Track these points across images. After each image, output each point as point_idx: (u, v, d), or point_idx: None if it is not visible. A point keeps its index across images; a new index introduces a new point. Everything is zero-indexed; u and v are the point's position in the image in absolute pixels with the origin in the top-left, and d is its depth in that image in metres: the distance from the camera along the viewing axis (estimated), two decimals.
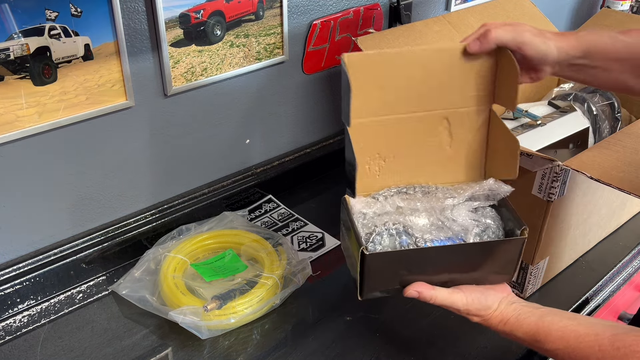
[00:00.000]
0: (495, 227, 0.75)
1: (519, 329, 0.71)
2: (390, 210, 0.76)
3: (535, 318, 0.70)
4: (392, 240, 0.72)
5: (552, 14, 1.60)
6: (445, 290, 0.72)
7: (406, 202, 0.76)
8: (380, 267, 0.70)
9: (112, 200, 1.04)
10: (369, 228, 0.73)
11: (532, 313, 0.71)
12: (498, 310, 0.73)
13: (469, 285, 0.74)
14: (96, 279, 1.02)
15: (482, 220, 0.75)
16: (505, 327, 0.72)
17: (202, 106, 1.09)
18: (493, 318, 0.73)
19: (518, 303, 0.73)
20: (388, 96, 0.77)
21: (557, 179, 0.85)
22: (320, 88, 1.29)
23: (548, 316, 0.70)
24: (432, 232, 0.73)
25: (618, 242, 1.11)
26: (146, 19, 0.95)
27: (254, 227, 1.09)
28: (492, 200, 0.78)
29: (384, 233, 0.72)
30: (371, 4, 1.29)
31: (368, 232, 0.72)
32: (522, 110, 1.15)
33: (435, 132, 0.80)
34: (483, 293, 0.73)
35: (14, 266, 0.95)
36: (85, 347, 0.90)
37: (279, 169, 1.26)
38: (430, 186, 0.80)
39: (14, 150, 0.89)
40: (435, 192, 0.78)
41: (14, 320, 0.94)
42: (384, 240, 0.72)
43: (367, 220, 0.74)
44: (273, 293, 0.94)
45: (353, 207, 0.74)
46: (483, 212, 0.76)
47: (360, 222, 0.73)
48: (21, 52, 0.83)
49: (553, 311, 0.71)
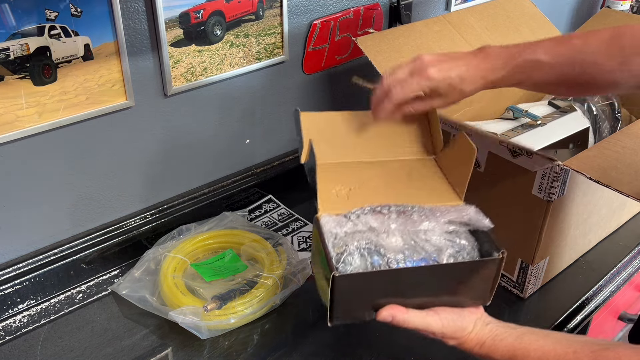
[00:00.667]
0: (470, 248, 0.72)
1: (495, 351, 0.69)
2: (362, 229, 0.72)
3: (512, 339, 0.69)
4: (363, 261, 0.68)
5: (552, 14, 1.60)
6: (419, 312, 0.69)
7: (379, 221, 0.73)
8: (350, 289, 0.66)
9: (112, 200, 1.04)
10: (339, 248, 0.69)
11: (508, 334, 0.69)
12: (474, 332, 0.71)
13: (444, 307, 0.71)
14: (96, 279, 1.02)
15: (456, 241, 0.72)
16: (482, 350, 0.70)
17: (202, 106, 1.09)
18: (469, 341, 0.71)
19: (494, 324, 0.71)
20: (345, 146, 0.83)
21: (557, 179, 0.85)
22: (320, 88, 1.29)
23: (525, 336, 0.68)
24: (405, 252, 0.70)
25: (618, 242, 1.11)
26: (146, 19, 0.95)
27: (254, 227, 1.09)
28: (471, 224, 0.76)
29: (355, 253, 0.68)
30: (371, 4, 1.29)
31: (339, 252, 0.68)
32: (522, 110, 1.15)
33: (397, 172, 0.83)
34: (458, 314, 0.71)
35: (14, 266, 0.95)
36: (85, 347, 0.90)
37: (279, 169, 1.26)
38: (406, 205, 0.76)
39: (14, 150, 0.89)
40: (411, 213, 0.75)
41: (14, 320, 0.94)
42: (354, 260, 0.68)
43: (338, 239, 0.70)
44: (273, 293, 0.94)
45: (324, 227, 0.71)
46: (457, 232, 0.74)
47: (330, 242, 0.70)
48: (21, 52, 0.83)
49: (530, 330, 0.69)
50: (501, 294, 1.00)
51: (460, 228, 0.74)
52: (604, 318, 1.26)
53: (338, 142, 0.83)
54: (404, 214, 0.74)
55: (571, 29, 1.91)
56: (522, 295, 0.98)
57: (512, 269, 0.97)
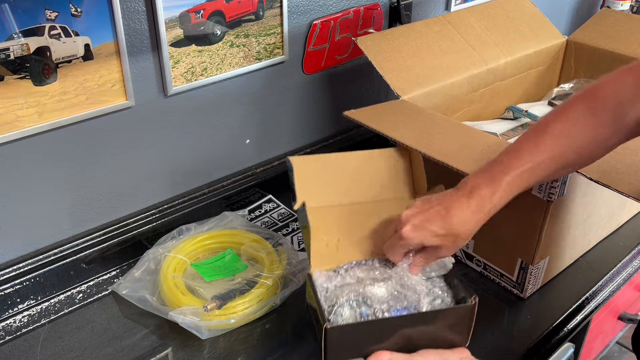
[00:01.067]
0: (445, 295, 0.78)
1: None
2: (350, 281, 0.79)
3: None
4: (352, 312, 0.75)
5: (552, 14, 1.60)
6: (405, 356, 0.72)
7: (365, 272, 0.80)
8: (341, 339, 0.72)
9: (112, 200, 1.04)
10: (331, 301, 0.76)
11: None
12: None
13: (429, 349, 0.74)
14: (96, 279, 1.02)
15: (433, 290, 0.79)
16: None
17: (202, 106, 1.10)
18: None
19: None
20: (335, 188, 0.87)
21: (557, 179, 0.85)
22: (320, 88, 1.29)
23: None
24: (390, 302, 0.76)
25: (618, 242, 1.11)
26: (146, 19, 0.95)
27: (254, 227, 1.09)
28: (444, 270, 0.81)
29: (345, 305, 0.75)
30: (371, 4, 1.29)
31: (330, 305, 0.76)
32: (522, 110, 1.15)
33: (380, 215, 0.86)
34: (441, 356, 0.73)
35: (14, 266, 0.95)
36: (85, 347, 0.90)
37: (279, 169, 1.26)
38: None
39: (14, 150, 0.89)
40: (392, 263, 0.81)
41: (14, 320, 0.94)
42: (344, 312, 0.75)
43: (330, 293, 0.77)
44: (273, 293, 0.94)
45: (316, 281, 0.78)
46: (433, 282, 0.80)
47: (322, 296, 0.77)
48: (21, 52, 0.84)
49: None
50: (501, 294, 1.00)
51: (438, 275, 0.81)
52: (604, 318, 1.26)
53: (329, 184, 0.87)
54: (386, 263, 0.81)
55: (571, 29, 1.91)
56: (522, 295, 0.98)
57: (512, 269, 0.97)
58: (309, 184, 0.86)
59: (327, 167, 0.88)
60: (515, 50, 1.23)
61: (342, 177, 0.88)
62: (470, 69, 1.15)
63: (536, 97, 1.34)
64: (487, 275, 1.02)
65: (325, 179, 0.88)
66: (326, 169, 0.88)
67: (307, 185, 0.85)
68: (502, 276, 1.00)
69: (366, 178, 0.89)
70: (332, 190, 0.87)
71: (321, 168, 0.88)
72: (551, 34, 1.32)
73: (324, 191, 0.87)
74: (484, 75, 1.17)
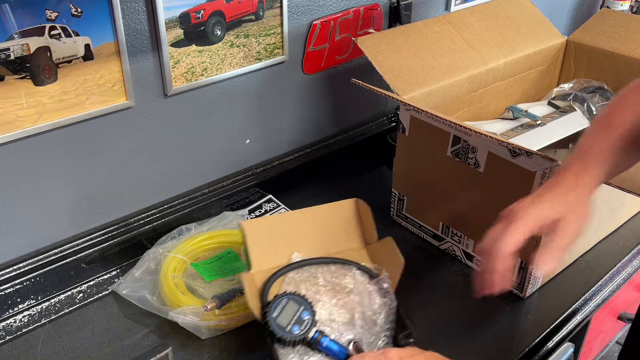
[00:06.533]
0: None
1: None
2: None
3: None
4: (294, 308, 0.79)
5: (552, 14, 1.60)
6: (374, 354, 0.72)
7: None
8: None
9: (112, 200, 1.04)
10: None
11: None
12: None
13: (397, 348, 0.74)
14: (96, 279, 1.02)
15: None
16: None
17: (202, 106, 1.10)
18: None
19: None
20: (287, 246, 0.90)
21: None
22: (320, 88, 1.29)
23: None
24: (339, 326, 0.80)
25: (618, 242, 1.11)
26: (146, 19, 0.95)
27: None
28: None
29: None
30: (371, 4, 1.29)
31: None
32: (522, 110, 1.16)
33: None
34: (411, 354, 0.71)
35: (14, 266, 0.95)
36: (85, 347, 0.90)
37: (279, 169, 1.26)
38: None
39: (14, 150, 0.89)
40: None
41: (14, 320, 0.94)
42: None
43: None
44: None
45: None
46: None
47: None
48: (21, 52, 0.84)
49: None
50: (501, 294, 1.00)
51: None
52: (604, 318, 1.26)
53: (283, 244, 0.90)
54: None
55: (571, 29, 1.91)
56: (521, 295, 0.98)
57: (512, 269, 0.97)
58: (263, 246, 0.89)
59: (279, 226, 0.91)
60: (515, 50, 1.23)
61: (295, 234, 0.91)
62: (470, 69, 1.15)
63: (536, 97, 1.34)
64: None
65: (279, 239, 0.90)
66: (278, 228, 0.91)
67: (261, 248, 0.88)
68: None
69: (319, 233, 0.93)
70: (286, 249, 0.90)
71: (273, 228, 0.91)
72: (551, 34, 1.32)
73: (278, 252, 0.90)
74: (483, 75, 1.17)
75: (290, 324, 0.76)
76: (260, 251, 0.88)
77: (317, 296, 0.83)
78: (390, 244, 0.88)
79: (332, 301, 0.82)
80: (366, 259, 0.92)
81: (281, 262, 0.88)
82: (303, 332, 0.75)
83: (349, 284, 0.85)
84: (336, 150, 1.35)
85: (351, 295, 0.83)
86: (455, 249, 1.07)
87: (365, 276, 0.88)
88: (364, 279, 0.87)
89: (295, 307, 0.78)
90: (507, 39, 1.24)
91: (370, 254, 0.94)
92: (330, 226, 0.94)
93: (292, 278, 0.86)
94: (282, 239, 0.91)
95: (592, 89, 1.26)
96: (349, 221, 0.95)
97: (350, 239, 0.94)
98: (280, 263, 0.88)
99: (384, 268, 0.88)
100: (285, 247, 0.90)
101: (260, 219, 0.92)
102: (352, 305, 0.82)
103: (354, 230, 0.95)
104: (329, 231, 0.93)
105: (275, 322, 0.76)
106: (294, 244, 0.91)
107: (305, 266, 0.88)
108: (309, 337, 0.76)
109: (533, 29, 1.30)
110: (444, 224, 1.07)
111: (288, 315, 0.77)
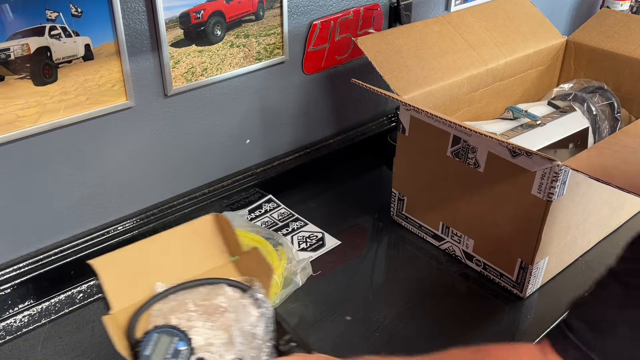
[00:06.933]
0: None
1: None
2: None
3: None
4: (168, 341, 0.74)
5: (552, 14, 1.60)
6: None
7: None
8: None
9: (112, 200, 1.04)
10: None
11: None
12: None
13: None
14: (97, 279, 1.02)
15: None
16: None
17: (202, 106, 1.10)
18: None
19: None
20: (145, 278, 0.82)
21: (556, 178, 0.85)
22: (320, 88, 1.29)
23: None
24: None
25: (618, 242, 1.11)
26: (146, 19, 0.95)
27: (254, 227, 1.09)
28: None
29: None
30: (371, 4, 1.29)
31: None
32: (521, 110, 1.15)
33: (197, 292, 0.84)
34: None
35: (14, 266, 0.95)
36: (85, 347, 0.90)
37: (279, 169, 1.26)
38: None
39: (14, 150, 0.89)
40: None
41: (14, 320, 0.94)
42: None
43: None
44: (273, 293, 0.94)
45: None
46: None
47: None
48: (21, 52, 0.84)
49: None
50: (501, 294, 1.00)
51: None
52: None
53: (139, 277, 0.83)
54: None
55: (571, 29, 1.91)
56: (521, 294, 0.98)
57: (512, 268, 0.97)
58: (121, 282, 0.81)
59: (135, 258, 0.84)
60: (515, 51, 1.23)
61: (155, 263, 0.84)
62: (470, 69, 1.15)
63: (536, 97, 1.34)
64: (487, 275, 1.02)
65: (137, 271, 0.83)
66: (135, 260, 0.83)
67: (119, 285, 0.80)
68: (501, 276, 1.00)
69: (180, 256, 0.86)
70: (148, 281, 0.83)
71: (129, 261, 0.83)
72: (551, 34, 1.33)
73: (139, 285, 0.82)
74: (483, 75, 1.17)
75: (166, 359, 0.72)
76: (119, 288, 0.81)
77: (190, 323, 0.78)
78: (258, 254, 0.84)
79: (206, 325, 0.78)
80: (235, 273, 0.88)
81: (144, 296, 0.82)
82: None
83: (222, 302, 0.81)
84: (336, 150, 1.35)
85: (226, 314, 0.79)
86: (455, 249, 1.07)
87: (237, 291, 0.83)
88: (236, 294, 0.83)
89: (168, 340, 0.74)
90: (507, 39, 1.24)
91: (238, 268, 0.89)
92: (192, 246, 0.88)
93: (159, 310, 0.80)
94: (141, 270, 0.83)
95: (592, 89, 1.26)
96: (210, 238, 0.89)
97: (215, 256, 0.88)
98: (143, 297, 0.81)
99: (255, 278, 0.84)
100: (146, 279, 0.83)
101: (112, 253, 0.83)
102: (228, 323, 0.78)
103: (218, 246, 0.89)
104: (191, 252, 0.87)
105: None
106: (156, 274, 0.84)
107: (171, 294, 0.82)
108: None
109: (533, 29, 1.30)
110: (444, 224, 1.07)
111: (162, 350, 0.73)
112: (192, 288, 0.83)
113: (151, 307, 0.81)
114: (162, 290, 0.82)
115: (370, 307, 0.96)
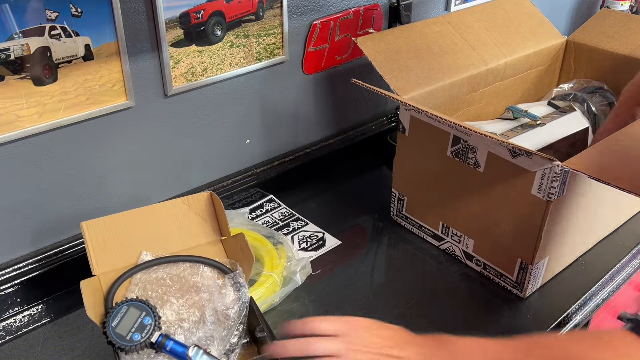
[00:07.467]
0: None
1: None
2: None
3: None
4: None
5: (552, 14, 1.60)
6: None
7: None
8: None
9: (112, 199, 1.04)
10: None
11: None
12: None
13: None
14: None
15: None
16: None
17: (202, 106, 1.10)
18: None
19: None
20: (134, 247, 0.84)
21: (556, 178, 0.85)
22: (320, 88, 1.29)
23: None
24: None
25: (618, 242, 1.11)
26: (146, 19, 0.95)
27: (255, 226, 1.09)
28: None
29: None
30: (371, 4, 1.29)
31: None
32: (522, 110, 1.16)
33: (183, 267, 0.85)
34: None
35: (14, 266, 0.95)
36: (85, 347, 0.90)
37: (279, 169, 1.26)
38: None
39: (14, 150, 0.89)
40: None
41: (14, 320, 0.94)
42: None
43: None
44: (272, 291, 0.94)
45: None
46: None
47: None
48: (21, 52, 0.84)
49: None
50: (501, 294, 1.00)
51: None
52: (604, 318, 1.26)
53: (128, 243, 0.84)
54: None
55: (571, 29, 1.91)
56: (521, 295, 0.98)
57: (512, 268, 0.97)
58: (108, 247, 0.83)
59: (126, 224, 0.85)
60: (515, 51, 1.23)
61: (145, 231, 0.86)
62: (470, 69, 1.15)
63: (536, 97, 1.34)
64: (487, 275, 1.03)
65: (123, 239, 0.84)
66: (126, 226, 0.85)
67: (106, 248, 0.82)
68: (501, 276, 1.00)
69: (172, 229, 0.88)
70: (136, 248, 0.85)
71: (120, 226, 0.85)
72: (551, 34, 1.33)
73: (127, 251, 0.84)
74: (483, 76, 1.18)
75: (130, 332, 0.75)
76: (104, 252, 0.83)
77: (165, 297, 0.81)
78: (242, 240, 0.86)
79: (179, 301, 0.80)
80: (222, 254, 0.90)
81: (129, 263, 0.84)
82: (144, 339, 0.74)
83: (197, 282, 0.83)
84: (336, 150, 1.35)
85: (200, 293, 0.81)
86: (455, 249, 1.07)
87: (215, 272, 0.85)
88: (213, 275, 0.85)
89: (136, 314, 0.76)
90: (507, 39, 1.24)
91: (226, 249, 0.91)
92: (184, 220, 0.89)
93: (139, 279, 0.83)
94: (129, 237, 0.85)
95: (592, 89, 1.26)
96: (203, 215, 0.90)
97: (206, 234, 0.90)
98: (127, 264, 0.84)
99: (239, 262, 0.86)
100: (133, 246, 0.85)
101: (104, 218, 0.84)
102: (202, 302, 0.80)
103: (210, 224, 0.90)
104: (182, 226, 0.89)
105: (114, 331, 0.75)
106: (144, 242, 0.86)
107: (154, 265, 0.84)
108: (153, 342, 0.75)
109: (533, 29, 1.30)
110: (444, 224, 1.07)
111: (128, 323, 0.75)
112: (176, 263, 0.85)
113: (133, 276, 0.82)
114: (147, 259, 0.84)
115: (370, 307, 0.96)
